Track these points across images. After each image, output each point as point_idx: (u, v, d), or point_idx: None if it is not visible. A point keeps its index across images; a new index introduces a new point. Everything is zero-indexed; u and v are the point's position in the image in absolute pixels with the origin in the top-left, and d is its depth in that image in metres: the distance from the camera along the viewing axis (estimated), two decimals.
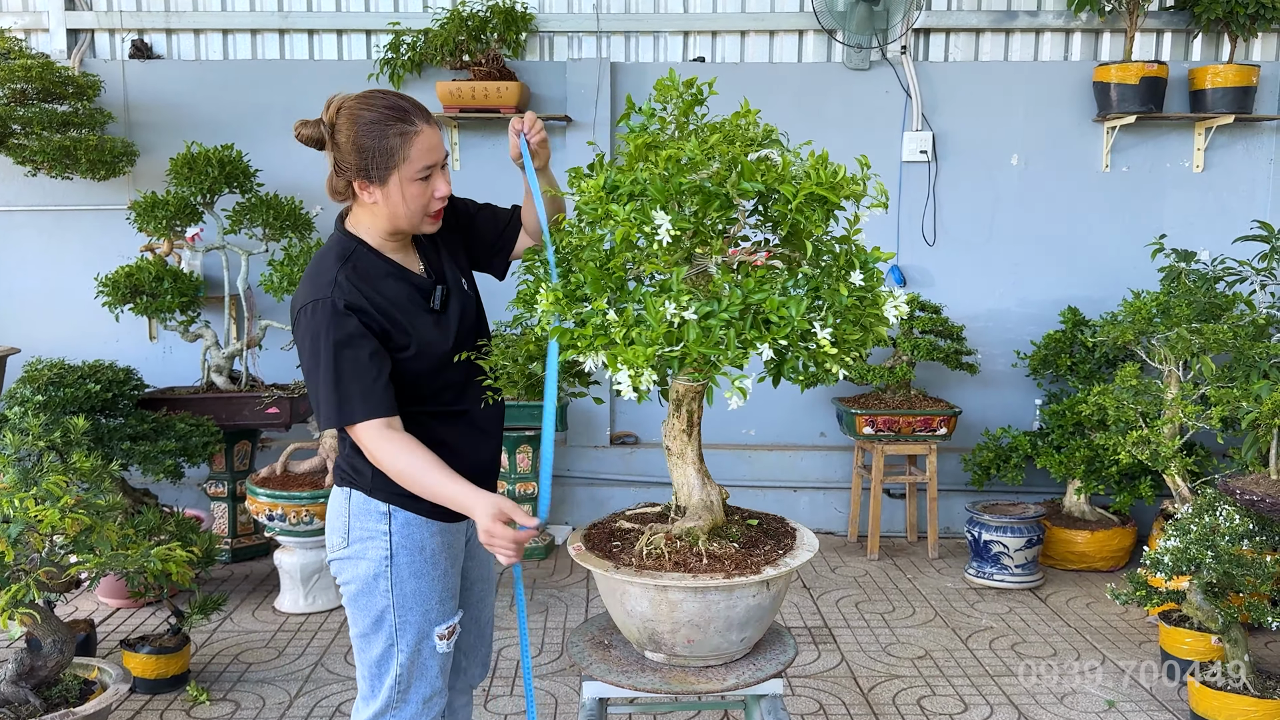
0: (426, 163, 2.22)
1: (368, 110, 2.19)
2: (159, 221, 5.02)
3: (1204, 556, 3.44)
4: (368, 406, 2.18)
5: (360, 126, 2.18)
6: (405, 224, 2.28)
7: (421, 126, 2.21)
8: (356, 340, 2.18)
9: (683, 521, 2.31)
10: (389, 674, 2.39)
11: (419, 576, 2.37)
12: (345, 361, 2.17)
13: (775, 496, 5.87)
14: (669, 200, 1.97)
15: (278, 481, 4.61)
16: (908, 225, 5.83)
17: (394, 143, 2.18)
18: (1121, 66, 5.47)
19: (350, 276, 2.23)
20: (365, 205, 2.28)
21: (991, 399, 5.86)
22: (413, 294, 2.32)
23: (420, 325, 2.30)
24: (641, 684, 2.24)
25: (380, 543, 2.35)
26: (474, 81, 5.46)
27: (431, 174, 2.24)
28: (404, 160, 2.19)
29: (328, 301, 2.19)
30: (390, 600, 2.35)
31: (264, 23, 5.88)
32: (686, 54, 5.89)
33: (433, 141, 2.22)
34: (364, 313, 2.21)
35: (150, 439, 4.63)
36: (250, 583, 5.02)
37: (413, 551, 2.36)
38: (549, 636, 4.39)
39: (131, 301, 5.04)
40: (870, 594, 4.92)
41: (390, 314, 2.25)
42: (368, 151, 2.18)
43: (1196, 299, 4.85)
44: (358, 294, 2.21)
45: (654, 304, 1.94)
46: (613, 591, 2.25)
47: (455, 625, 2.47)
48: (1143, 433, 4.53)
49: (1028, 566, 5.00)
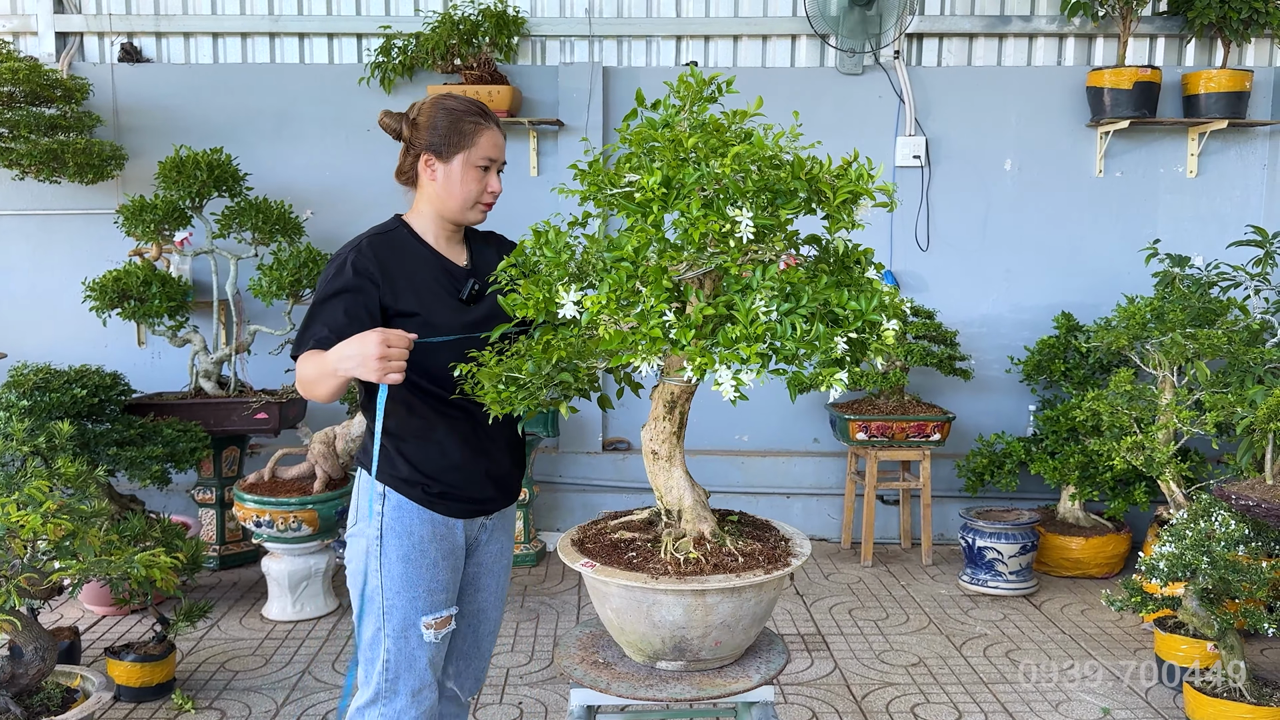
0: (489, 155, 2.44)
1: (452, 99, 2.46)
2: (147, 225, 4.98)
3: (1200, 562, 3.41)
4: (315, 342, 2.32)
5: (441, 110, 2.43)
6: (456, 205, 2.46)
7: (493, 126, 2.46)
8: (346, 296, 2.34)
9: (694, 523, 2.30)
10: (378, 659, 2.45)
11: (406, 561, 2.43)
12: (327, 308, 2.35)
13: (768, 503, 5.84)
14: (750, 196, 1.96)
15: (265, 487, 4.56)
16: (901, 230, 5.81)
17: (467, 128, 2.42)
18: (1115, 71, 5.46)
19: (374, 243, 2.43)
20: (423, 189, 2.48)
21: (985, 405, 5.83)
22: (441, 277, 2.46)
23: (437, 304, 2.43)
24: (679, 694, 2.20)
25: (374, 523, 2.45)
26: (465, 85, 5.43)
27: (490, 169, 2.46)
28: (472, 145, 2.42)
29: (344, 257, 2.39)
30: (379, 581, 2.42)
31: (254, 26, 5.84)
32: (679, 59, 5.87)
33: (499, 141, 2.47)
34: (367, 275, 2.37)
35: (137, 444, 4.58)
36: (238, 590, 4.97)
37: (401, 535, 2.44)
38: (539, 644, 4.35)
39: (119, 306, 5.00)
40: (864, 601, 4.88)
41: (400, 284, 2.40)
42: (442, 130, 2.41)
43: (1191, 304, 4.82)
44: (372, 259, 2.38)
45: (744, 302, 1.93)
46: (638, 605, 2.17)
47: (446, 619, 2.49)
48: (1137, 438, 4.50)
49: (1022, 573, 4.96)
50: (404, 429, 2.48)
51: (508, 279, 2.19)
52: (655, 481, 2.28)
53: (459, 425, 2.48)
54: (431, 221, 2.52)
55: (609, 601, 2.23)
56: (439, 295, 2.46)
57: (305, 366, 2.32)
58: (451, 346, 2.42)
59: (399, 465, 2.47)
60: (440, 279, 2.48)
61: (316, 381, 2.30)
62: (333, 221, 5.62)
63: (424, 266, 2.48)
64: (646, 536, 2.32)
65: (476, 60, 5.48)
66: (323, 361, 2.26)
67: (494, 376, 2.08)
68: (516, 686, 3.92)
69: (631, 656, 2.32)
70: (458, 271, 2.52)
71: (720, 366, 1.88)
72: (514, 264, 2.19)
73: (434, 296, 2.45)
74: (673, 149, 2.03)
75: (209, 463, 5.17)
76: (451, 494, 2.49)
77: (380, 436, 2.50)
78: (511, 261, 2.21)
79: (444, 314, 2.44)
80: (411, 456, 2.47)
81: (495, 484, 2.57)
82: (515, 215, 3.79)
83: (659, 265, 1.95)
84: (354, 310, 2.36)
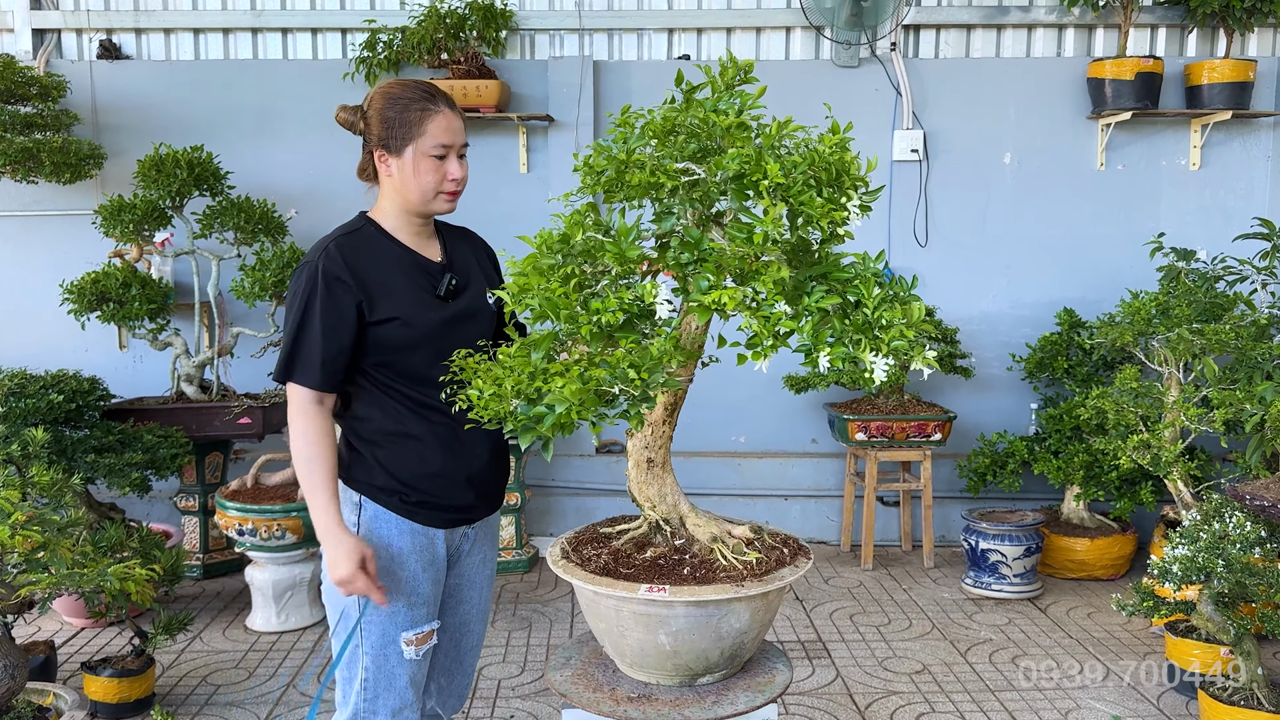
0: (442, 141, 2.30)
1: (398, 88, 2.34)
2: (125, 226, 4.84)
3: (1215, 566, 3.29)
4: (306, 374, 2.24)
5: (388, 100, 2.32)
6: (416, 197, 2.33)
7: (443, 108, 2.32)
8: (323, 307, 2.24)
9: (706, 528, 2.21)
10: (356, 677, 2.34)
11: (384, 574, 2.32)
12: (307, 325, 2.25)
13: (766, 505, 5.71)
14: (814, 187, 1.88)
15: (248, 494, 4.43)
16: (899, 226, 5.69)
17: (414, 116, 2.29)
18: (1116, 62, 5.34)
19: (343, 245, 2.30)
20: (384, 183, 2.37)
21: (986, 403, 5.71)
22: (415, 274, 2.34)
23: (413, 302, 2.31)
24: (746, 704, 2.12)
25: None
26: (452, 80, 5.30)
27: (447, 156, 2.32)
28: (421, 134, 2.29)
29: (313, 265, 2.27)
30: (355, 596, 2.30)
31: (236, 22, 5.71)
32: (671, 52, 5.74)
33: (451, 125, 2.33)
34: (339, 282, 2.25)
35: (116, 451, 4.44)
36: (222, 600, 4.84)
37: (378, 547, 2.33)
38: (532, 654, 4.22)
39: (98, 309, 4.87)
40: (865, 606, 4.76)
41: (374, 286, 2.28)
42: (390, 122, 2.30)
43: (1197, 299, 4.71)
44: (342, 263, 2.26)
45: (866, 290, 1.84)
46: (708, 621, 2.05)
47: (427, 634, 2.39)
48: (1143, 437, 4.39)
49: (1026, 576, 4.85)
50: (380, 434, 2.36)
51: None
52: (645, 492, 2.15)
53: (439, 429, 2.36)
54: (398, 217, 2.40)
55: (668, 625, 2.04)
56: (415, 293, 2.34)
57: (306, 459, 2.26)
58: (430, 346, 2.32)
59: (375, 473, 2.35)
60: (415, 276, 2.36)
61: (302, 482, 2.28)
62: (317, 220, 5.48)
63: (397, 265, 2.36)
64: (656, 552, 2.17)
65: (464, 54, 5.36)
66: (313, 497, 2.25)
67: (506, 392, 1.83)
68: (508, 699, 3.79)
69: (664, 681, 2.18)
70: (433, 268, 2.40)
71: (871, 355, 1.79)
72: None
73: (410, 296, 2.34)
74: (744, 137, 1.93)
75: (191, 469, 5.04)
76: (431, 502, 2.38)
77: (356, 443, 2.39)
78: (521, 270, 1.99)
79: (421, 312, 2.33)
80: (388, 463, 2.35)
81: (478, 491, 2.45)
82: (506, 213, 3.68)
83: (778, 265, 1.83)
84: (331, 327, 2.25)
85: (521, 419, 1.80)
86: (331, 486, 2.25)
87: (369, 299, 2.28)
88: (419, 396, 2.32)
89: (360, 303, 2.27)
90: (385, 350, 2.31)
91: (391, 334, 2.30)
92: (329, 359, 2.25)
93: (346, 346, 2.27)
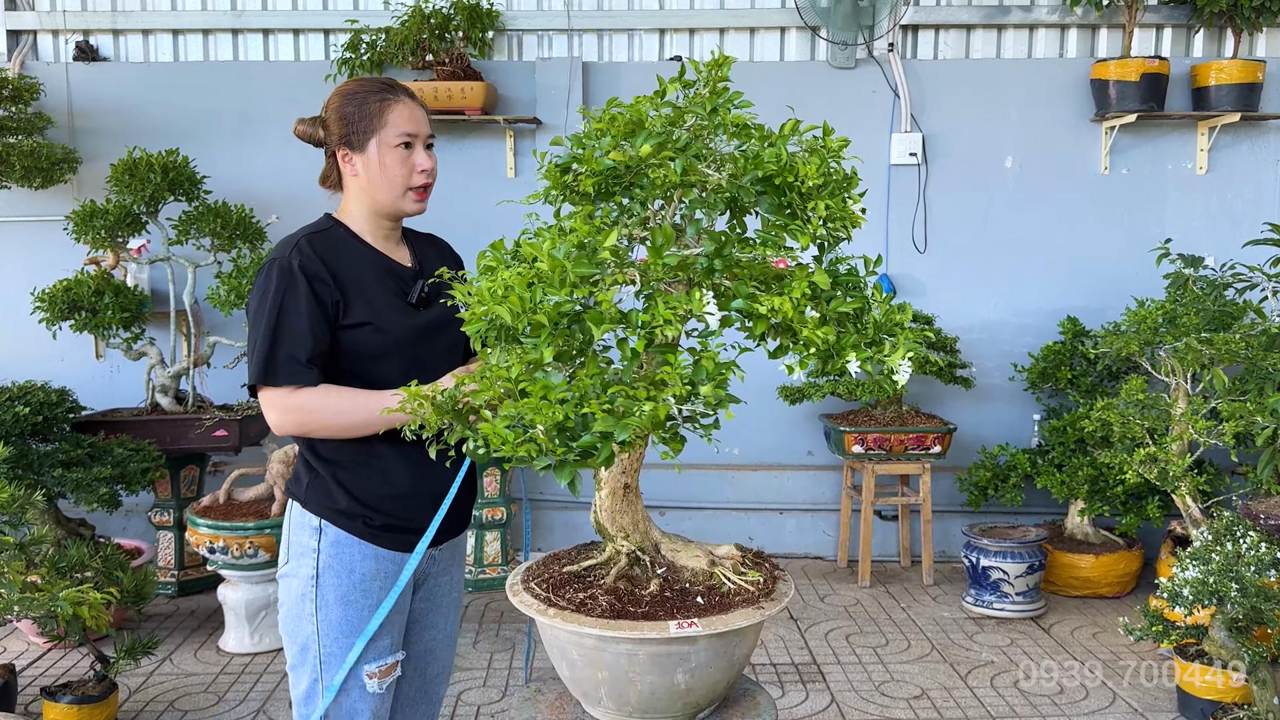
0: (405, 129, 2.20)
1: (354, 84, 2.25)
2: (98, 232, 4.69)
3: (1229, 589, 3.12)
4: (290, 374, 2.10)
5: (345, 98, 2.22)
6: (386, 194, 2.22)
7: (403, 97, 2.22)
8: (300, 306, 2.10)
9: (692, 550, 2.05)
10: (315, 714, 2.18)
11: (346, 603, 2.17)
12: (286, 322, 2.10)
13: (760, 519, 5.55)
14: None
15: (220, 511, 4.27)
16: (897, 231, 5.53)
17: (373, 108, 2.19)
18: (1121, 63, 5.18)
19: (314, 242, 2.18)
20: (350, 185, 2.25)
21: (987, 414, 5.54)
22: (386, 278, 2.23)
23: (386, 307, 2.19)
24: None
25: (308, 561, 2.18)
26: (436, 82, 5.15)
27: (413, 146, 2.22)
28: (382, 125, 2.19)
29: (284, 261, 2.13)
30: (315, 626, 2.16)
31: (216, 23, 5.56)
32: (662, 53, 5.58)
33: (414, 114, 2.22)
34: (318, 279, 2.12)
35: (84, 465, 4.28)
36: (195, 619, 4.67)
37: (340, 574, 2.17)
38: (514, 677, 4.05)
39: (70, 318, 4.72)
40: (862, 625, 4.58)
41: (349, 287, 2.16)
42: (349, 118, 2.20)
43: (1205, 307, 4.55)
44: (316, 260, 2.14)
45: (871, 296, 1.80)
46: (725, 650, 1.89)
47: (391, 666, 2.23)
48: (1150, 450, 4.23)
49: (1029, 594, 4.68)
50: (341, 453, 2.21)
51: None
52: (619, 521, 1.98)
53: (405, 446, 2.19)
54: (366, 219, 2.27)
55: (688, 662, 1.85)
56: (387, 298, 2.21)
57: (341, 408, 2.12)
58: (401, 354, 2.18)
59: (336, 495, 2.19)
60: (386, 281, 2.23)
61: (362, 426, 2.12)
62: (298, 226, 5.32)
63: (368, 267, 2.23)
64: (657, 585, 1.98)
65: (449, 56, 5.20)
66: (377, 406, 2.06)
67: (545, 418, 1.57)
68: None
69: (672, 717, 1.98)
70: (404, 273, 2.27)
71: (902, 359, 1.72)
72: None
73: (382, 300, 2.20)
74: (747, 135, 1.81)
75: (166, 483, 4.88)
76: (396, 526, 2.22)
77: (315, 463, 2.23)
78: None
79: (394, 318, 2.19)
80: (350, 485, 2.19)
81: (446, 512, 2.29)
82: (493, 219, 3.53)
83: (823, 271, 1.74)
84: (315, 321, 2.11)
85: (561, 454, 1.57)
86: (378, 396, 2.11)
87: (344, 299, 2.15)
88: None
89: (337, 303, 2.14)
90: (353, 358, 2.17)
91: (362, 340, 2.16)
92: (316, 357, 2.11)
93: (327, 347, 2.14)
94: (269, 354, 2.10)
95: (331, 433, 2.15)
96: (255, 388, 2.15)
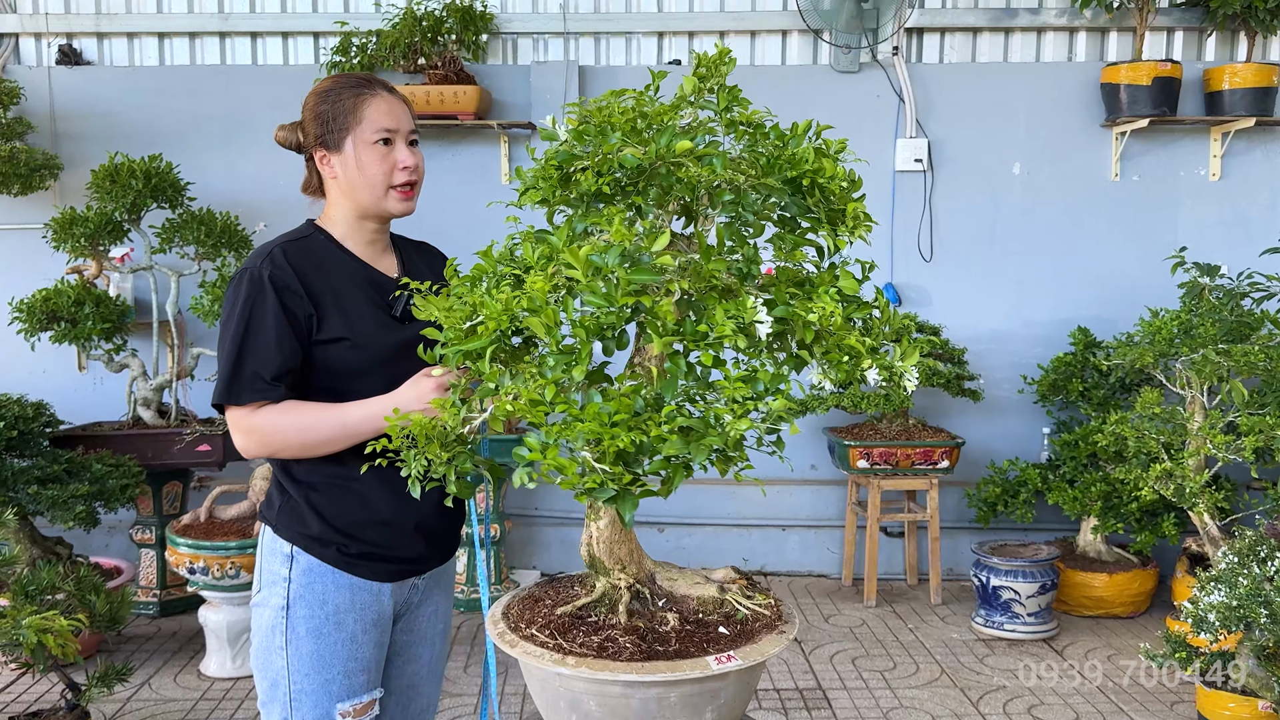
0: (384, 125, 2.05)
1: (328, 82, 2.11)
2: (77, 240, 4.54)
3: (1257, 615, 2.96)
4: (255, 392, 1.96)
5: (319, 97, 2.09)
6: (367, 194, 2.07)
7: (380, 91, 2.09)
8: (267, 320, 1.96)
9: (691, 577, 1.91)
10: None
11: (318, 636, 2.01)
12: (252, 337, 1.96)
13: (762, 536, 5.39)
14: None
15: (201, 529, 4.11)
16: (902, 239, 5.38)
17: (347, 104, 2.05)
18: (1132, 66, 5.04)
19: (288, 251, 2.04)
20: (330, 189, 2.11)
21: (996, 428, 5.38)
22: (368, 290, 2.08)
23: (365, 321, 2.05)
24: None
25: (279, 590, 2.04)
26: (428, 86, 5.00)
27: (393, 142, 2.07)
28: (358, 122, 2.04)
29: (254, 272, 1.99)
30: (285, 660, 2.01)
31: (203, 25, 5.42)
32: (661, 57, 5.45)
33: (392, 108, 2.08)
34: (288, 290, 1.98)
35: (61, 482, 4.12)
36: (177, 641, 4.51)
37: (312, 605, 2.02)
38: (507, 704, 3.89)
39: (49, 329, 4.57)
40: (869, 648, 4.42)
41: (324, 299, 2.01)
42: (323, 117, 2.06)
43: (1222, 317, 4.40)
44: (289, 271, 2.00)
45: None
46: (748, 681, 1.75)
47: (367, 705, 2.07)
48: (1166, 466, 4.08)
49: (1041, 615, 4.51)
50: (317, 475, 2.05)
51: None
52: (617, 553, 1.83)
53: (386, 469, 2.03)
54: (350, 225, 2.12)
55: (717, 699, 1.69)
56: (368, 311, 2.05)
57: (303, 425, 1.98)
58: (382, 372, 2.02)
59: (309, 520, 2.04)
60: (367, 292, 2.08)
61: (329, 443, 1.99)
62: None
63: (349, 278, 2.07)
64: (676, 619, 1.81)
65: (441, 59, 5.06)
66: (346, 420, 1.96)
67: (605, 447, 1.42)
68: None
69: None
70: (388, 284, 2.11)
71: (910, 366, 1.62)
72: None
73: (362, 314, 2.05)
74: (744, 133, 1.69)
75: (148, 499, 4.72)
76: (376, 554, 2.06)
77: (287, 485, 2.08)
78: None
79: (374, 333, 2.04)
80: (325, 509, 2.04)
81: (429, 540, 2.14)
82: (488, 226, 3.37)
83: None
84: (283, 335, 1.96)
85: (626, 483, 1.42)
86: (344, 408, 1.99)
87: (318, 313, 2.00)
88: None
89: (309, 316, 1.99)
90: (329, 375, 2.02)
91: (339, 356, 2.01)
92: (283, 374, 1.96)
93: (298, 364, 1.99)
94: (232, 371, 1.96)
95: (298, 452, 2.00)
96: (222, 407, 2.00)
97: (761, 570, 5.44)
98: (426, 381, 1.93)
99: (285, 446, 1.98)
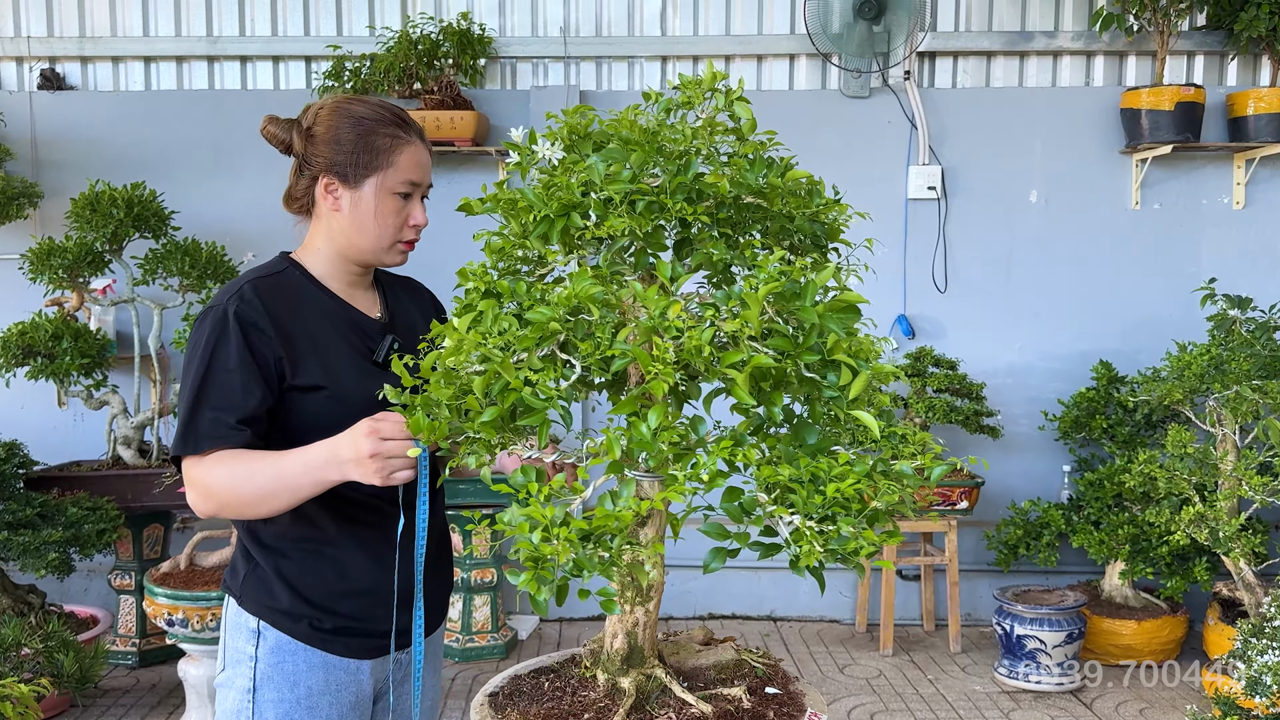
0: (412, 178, 1.87)
1: (360, 105, 1.88)
2: (55, 271, 4.34)
3: None
4: (213, 438, 1.71)
5: (345, 119, 1.86)
6: (370, 243, 1.88)
7: (416, 139, 1.90)
8: (230, 362, 1.74)
9: (688, 635, 1.77)
10: None
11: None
12: (212, 382, 1.74)
13: (770, 579, 5.16)
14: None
15: (180, 578, 3.87)
16: (915, 270, 5.19)
17: (383, 143, 1.85)
18: (1154, 91, 4.87)
19: (259, 288, 1.82)
20: (322, 220, 1.89)
21: (1015, 466, 5.16)
22: (348, 333, 1.88)
23: (343, 369, 1.83)
24: None
25: (245, 670, 1.83)
26: (425, 111, 4.82)
27: (412, 196, 1.89)
28: (389, 166, 1.85)
29: (220, 310, 1.78)
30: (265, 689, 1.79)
31: (191, 49, 5.24)
32: (664, 82, 5.27)
33: (423, 160, 1.90)
34: (256, 329, 1.76)
35: (34, 527, 3.90)
36: (156, 694, 4.26)
37: (282, 687, 1.80)
38: None
39: (25, 363, 4.35)
40: (887, 702, 4.18)
41: (299, 343, 1.80)
42: (348, 145, 1.84)
43: (1255, 352, 4.20)
44: (259, 308, 1.78)
45: None
46: None
47: None
48: (1199, 509, 3.87)
49: (1067, 665, 4.29)
50: (287, 540, 1.83)
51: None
52: (652, 636, 1.62)
53: (366, 533, 1.84)
54: (332, 263, 1.90)
55: None
56: (347, 357, 1.84)
57: (237, 476, 1.70)
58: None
59: (277, 592, 1.81)
60: (347, 335, 1.86)
61: (268, 497, 1.70)
62: None
63: (326, 320, 1.86)
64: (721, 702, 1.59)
65: (438, 83, 4.88)
66: (282, 470, 1.67)
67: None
68: None
69: None
70: (370, 326, 1.91)
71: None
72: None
73: (340, 359, 1.83)
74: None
75: (127, 543, 4.50)
76: (353, 628, 1.84)
77: (254, 551, 1.86)
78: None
79: (354, 381, 1.82)
80: (295, 580, 1.82)
81: (413, 610, 1.91)
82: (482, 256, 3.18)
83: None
84: (248, 379, 1.73)
85: (852, 547, 1.33)
86: (281, 456, 1.70)
87: (290, 356, 1.77)
88: (343, 490, 1.77)
89: (280, 359, 1.76)
90: (303, 427, 1.78)
91: (314, 406, 1.79)
92: (249, 419, 1.72)
93: (264, 412, 1.75)
94: (190, 417, 1.72)
95: (239, 511, 1.74)
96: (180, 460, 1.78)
97: (771, 615, 5.21)
98: (360, 426, 1.63)
99: (234, 500, 1.73)
